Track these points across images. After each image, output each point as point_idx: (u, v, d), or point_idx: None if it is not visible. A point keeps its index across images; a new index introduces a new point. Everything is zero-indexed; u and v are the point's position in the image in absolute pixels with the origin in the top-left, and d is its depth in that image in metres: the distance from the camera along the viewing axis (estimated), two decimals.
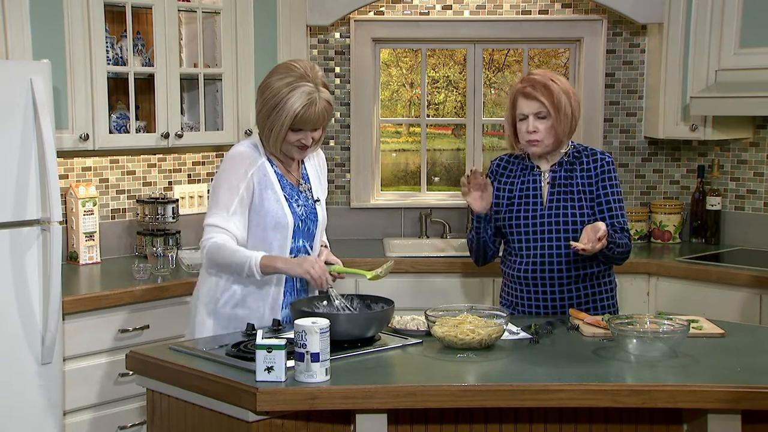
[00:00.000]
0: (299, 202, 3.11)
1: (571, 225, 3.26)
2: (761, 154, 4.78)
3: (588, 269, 3.31)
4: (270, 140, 3.02)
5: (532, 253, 3.29)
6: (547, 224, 3.27)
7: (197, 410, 2.64)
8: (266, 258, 2.96)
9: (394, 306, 2.95)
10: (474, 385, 2.54)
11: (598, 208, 3.29)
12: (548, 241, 3.27)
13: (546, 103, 3.21)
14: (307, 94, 2.94)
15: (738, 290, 4.13)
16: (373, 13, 5.02)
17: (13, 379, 3.38)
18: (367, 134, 5.10)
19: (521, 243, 3.31)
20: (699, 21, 4.57)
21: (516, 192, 3.34)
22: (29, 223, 3.40)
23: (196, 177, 4.79)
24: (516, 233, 3.31)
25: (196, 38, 4.42)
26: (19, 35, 3.70)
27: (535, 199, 3.31)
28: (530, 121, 3.24)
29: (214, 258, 3.01)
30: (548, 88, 3.22)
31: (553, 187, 3.30)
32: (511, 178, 3.37)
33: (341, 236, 4.86)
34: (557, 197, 3.29)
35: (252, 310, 3.09)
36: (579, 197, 3.29)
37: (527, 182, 3.34)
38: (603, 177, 3.30)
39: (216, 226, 3.00)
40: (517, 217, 3.31)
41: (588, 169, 3.31)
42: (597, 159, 3.32)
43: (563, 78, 3.31)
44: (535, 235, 3.28)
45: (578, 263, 3.28)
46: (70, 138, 3.94)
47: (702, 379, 2.59)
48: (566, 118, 3.24)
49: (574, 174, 3.31)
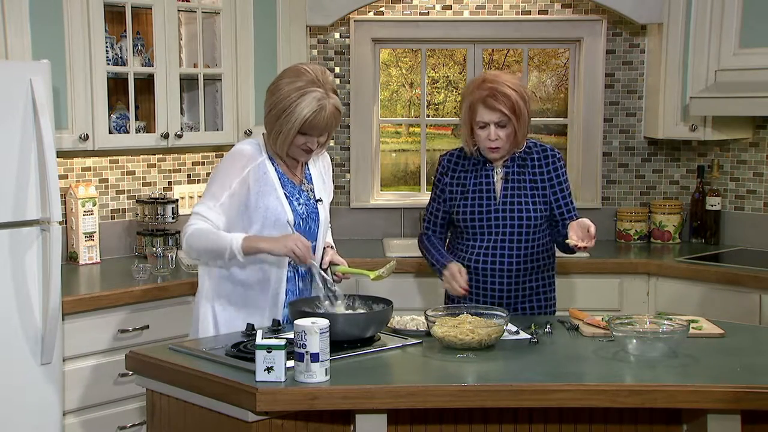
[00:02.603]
0: (300, 200, 3.11)
1: (525, 220, 3.32)
2: (761, 154, 4.78)
3: (534, 263, 3.36)
4: (277, 143, 3.02)
5: (484, 245, 3.33)
6: (501, 218, 3.32)
7: (197, 410, 2.64)
8: (248, 239, 2.95)
9: (393, 306, 2.95)
10: (474, 385, 2.54)
11: (555, 204, 3.36)
12: (501, 234, 3.32)
13: (507, 112, 3.22)
14: (317, 101, 2.94)
15: (738, 290, 4.13)
16: (372, 13, 5.02)
17: (13, 379, 3.38)
18: (367, 134, 5.10)
19: (474, 236, 3.35)
20: (699, 21, 4.57)
21: (469, 186, 3.36)
22: (29, 223, 3.39)
23: (196, 177, 4.79)
24: (470, 227, 3.35)
25: (195, 38, 4.42)
26: (19, 35, 3.70)
27: (488, 193, 3.33)
28: (491, 130, 3.25)
29: (194, 243, 3.01)
30: (508, 96, 3.22)
31: (507, 182, 3.34)
32: (464, 173, 3.38)
33: (341, 236, 4.86)
34: (511, 192, 3.33)
35: (253, 309, 3.09)
36: (532, 192, 3.34)
37: (480, 177, 3.36)
38: (555, 174, 3.36)
39: (199, 215, 3.02)
40: (471, 212, 3.33)
41: (539, 165, 3.36)
42: (548, 155, 3.37)
43: (514, 78, 3.32)
44: (489, 228, 3.32)
45: (526, 257, 3.34)
46: (70, 138, 3.94)
47: (702, 379, 2.59)
48: (525, 123, 3.28)
49: (526, 170, 3.35)
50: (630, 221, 4.96)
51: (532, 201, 3.33)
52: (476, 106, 3.26)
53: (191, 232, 3.01)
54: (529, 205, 3.32)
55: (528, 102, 3.29)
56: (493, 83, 3.24)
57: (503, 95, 3.21)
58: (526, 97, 3.28)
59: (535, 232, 3.33)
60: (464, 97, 3.34)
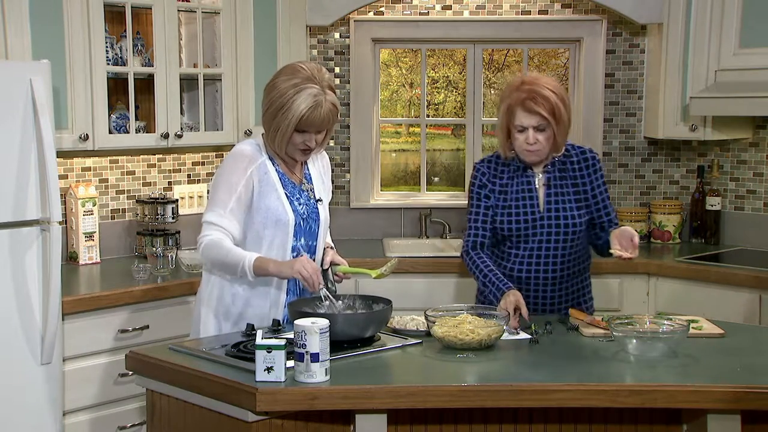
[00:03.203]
0: (301, 200, 3.11)
1: (571, 227, 3.26)
2: (761, 154, 4.78)
3: (574, 267, 3.33)
4: (275, 141, 3.02)
5: (528, 254, 3.28)
6: (546, 226, 3.26)
7: (197, 410, 2.64)
8: (259, 260, 2.96)
9: (392, 306, 2.95)
10: (474, 385, 2.54)
11: (595, 207, 3.30)
12: (545, 242, 3.26)
13: (546, 116, 3.14)
14: (313, 96, 2.94)
15: (738, 290, 4.13)
16: (372, 13, 5.02)
17: (13, 379, 3.37)
18: (367, 134, 5.10)
19: (517, 244, 3.29)
20: (699, 21, 4.57)
21: (511, 195, 3.29)
22: (29, 223, 3.39)
23: (196, 177, 4.79)
24: (514, 235, 3.28)
25: (195, 38, 4.42)
26: (19, 35, 3.70)
27: (531, 201, 3.28)
28: (530, 134, 3.18)
29: (208, 255, 3.02)
30: (547, 99, 3.14)
31: (549, 188, 3.28)
32: (505, 180, 3.32)
33: (341, 236, 4.86)
34: (554, 198, 3.27)
35: (253, 309, 3.10)
36: (575, 198, 3.29)
37: (521, 184, 3.30)
38: (595, 176, 3.32)
39: (212, 224, 3.01)
40: (517, 221, 3.27)
41: (579, 168, 3.31)
42: (587, 158, 3.32)
43: (554, 81, 3.24)
44: (533, 236, 3.27)
45: (569, 262, 3.30)
46: (70, 138, 3.94)
47: (702, 379, 2.59)
48: (564, 127, 3.21)
49: (567, 174, 3.30)
50: (630, 221, 4.95)
51: (576, 206, 3.27)
52: (514, 109, 3.17)
53: (207, 243, 3.00)
54: (573, 211, 3.27)
55: (568, 105, 3.20)
56: (532, 85, 3.16)
57: (543, 98, 3.14)
58: (566, 99, 3.20)
59: (578, 237, 3.29)
60: (502, 99, 3.25)
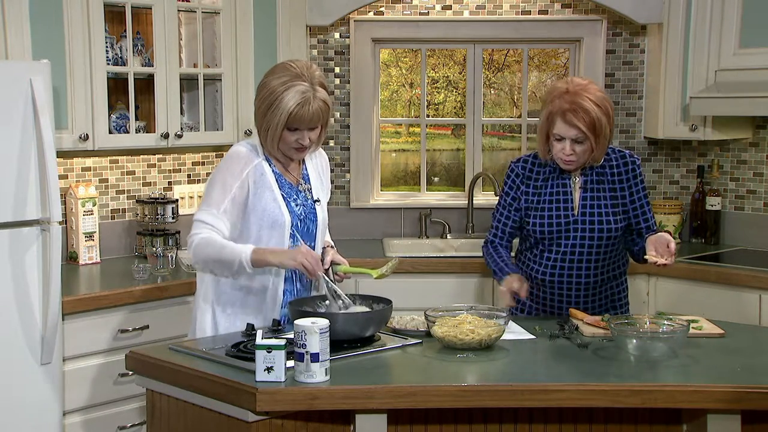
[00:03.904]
0: (298, 201, 3.11)
1: (605, 232, 3.23)
2: (761, 154, 4.78)
3: (610, 272, 3.31)
4: (267, 139, 3.02)
5: (560, 257, 3.25)
6: (580, 230, 3.23)
7: (197, 410, 2.64)
8: (257, 252, 2.94)
9: (392, 305, 2.95)
10: (474, 385, 2.54)
11: (633, 213, 3.27)
12: (579, 246, 3.23)
13: (585, 130, 3.09)
14: (301, 93, 2.94)
15: (738, 290, 4.13)
16: (372, 14, 5.02)
17: (13, 379, 3.38)
18: (367, 134, 5.10)
19: (550, 247, 3.26)
20: (699, 21, 4.57)
21: (545, 197, 3.26)
22: (29, 223, 3.39)
23: (196, 177, 4.79)
24: (547, 238, 3.25)
25: (195, 38, 4.42)
26: (19, 35, 3.70)
27: (566, 204, 3.24)
28: (567, 145, 3.13)
29: (201, 254, 3.00)
30: (588, 112, 3.07)
31: (585, 192, 3.24)
32: (539, 182, 3.28)
33: (341, 236, 4.85)
34: (590, 203, 3.24)
35: (252, 309, 3.09)
36: (612, 203, 3.25)
37: (557, 186, 3.26)
38: (634, 180, 3.27)
39: (204, 222, 3.00)
40: (549, 223, 3.24)
41: (618, 173, 3.26)
42: (627, 161, 3.27)
43: (599, 91, 3.16)
44: (567, 240, 3.24)
45: (604, 268, 3.27)
46: (70, 138, 3.94)
47: (702, 379, 2.59)
48: (605, 140, 3.15)
49: (605, 178, 3.26)
50: None
51: (613, 211, 3.23)
52: (554, 118, 3.13)
53: (197, 242, 2.99)
54: (609, 216, 3.23)
55: (611, 117, 3.13)
56: (575, 96, 3.09)
57: (584, 111, 3.08)
58: (610, 111, 3.14)
59: (613, 243, 3.25)
60: (545, 103, 3.20)
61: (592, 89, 3.15)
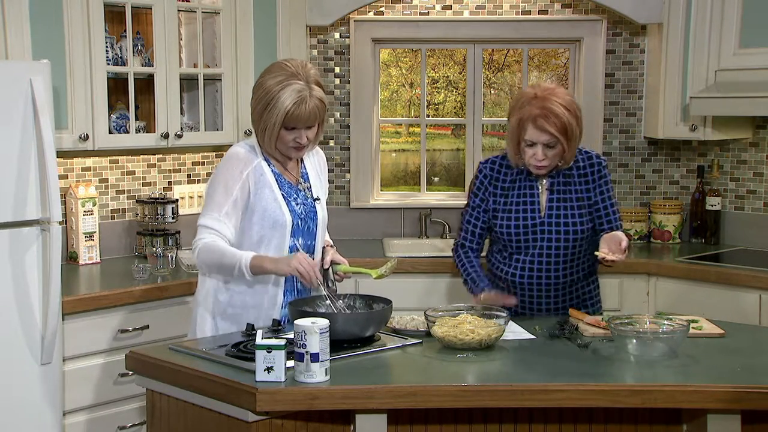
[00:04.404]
0: (298, 200, 3.11)
1: (572, 234, 3.24)
2: (761, 154, 4.78)
3: (581, 272, 3.32)
4: (264, 139, 3.02)
5: (528, 259, 3.27)
6: (547, 232, 3.24)
7: (197, 410, 2.64)
8: (255, 258, 2.96)
9: (392, 305, 2.95)
10: (474, 385, 2.54)
11: (596, 214, 3.28)
12: (546, 249, 3.25)
13: (557, 134, 3.11)
14: (297, 92, 2.94)
15: (738, 290, 4.13)
16: (372, 13, 5.02)
17: (13, 379, 3.37)
18: (367, 134, 5.10)
19: (518, 249, 3.28)
20: (699, 21, 4.57)
21: (512, 199, 3.28)
22: (29, 223, 3.39)
23: (196, 177, 4.79)
24: (515, 241, 3.27)
25: (195, 38, 4.42)
26: (19, 35, 3.70)
27: (533, 206, 3.26)
28: (539, 150, 3.14)
29: (204, 259, 3.01)
30: (559, 117, 3.09)
31: (552, 194, 3.26)
32: (507, 183, 3.30)
33: (341, 236, 4.85)
34: (556, 204, 3.25)
35: (252, 309, 3.09)
36: (578, 204, 3.26)
37: (524, 188, 3.28)
38: (600, 182, 3.29)
39: (207, 227, 3.01)
40: (516, 226, 3.26)
41: (585, 174, 3.28)
42: (593, 163, 3.29)
43: (567, 95, 3.18)
44: (534, 242, 3.25)
45: (573, 268, 3.28)
46: (70, 138, 3.94)
47: (702, 379, 2.59)
48: (575, 142, 3.18)
49: (572, 180, 3.27)
50: (630, 221, 4.95)
51: (579, 213, 3.25)
52: (525, 124, 3.13)
53: (201, 247, 3.00)
54: (576, 218, 3.24)
55: (580, 120, 3.16)
56: (545, 101, 3.10)
57: (555, 115, 3.09)
58: (579, 114, 3.16)
59: (581, 243, 3.27)
60: (513, 110, 3.20)
61: (560, 93, 3.16)
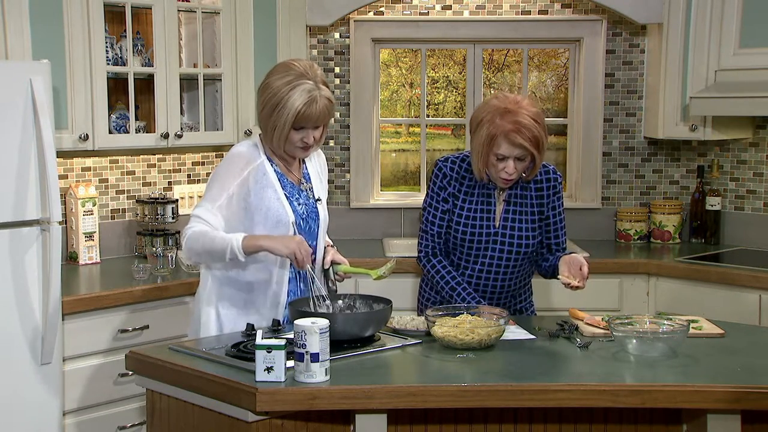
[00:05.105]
0: (300, 200, 3.11)
1: (524, 247, 3.25)
2: (761, 154, 4.78)
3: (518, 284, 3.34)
4: (273, 140, 3.02)
5: (478, 267, 3.26)
6: (499, 243, 3.24)
7: (197, 410, 2.64)
8: (248, 238, 2.94)
9: (392, 305, 2.95)
10: (474, 385, 2.54)
11: (546, 228, 3.30)
12: (497, 259, 3.25)
13: (530, 148, 3.08)
14: (307, 92, 2.94)
15: (738, 290, 4.13)
16: (372, 13, 5.02)
17: (13, 379, 3.38)
18: (367, 134, 5.10)
19: (468, 256, 3.27)
20: (699, 21, 4.57)
21: (469, 205, 3.25)
22: (29, 223, 3.40)
23: (196, 177, 4.79)
24: (467, 248, 3.26)
25: (195, 38, 4.42)
26: (19, 35, 3.70)
27: (488, 214, 3.24)
28: (510, 164, 3.11)
29: (194, 246, 3.00)
30: (530, 129, 3.06)
31: (508, 205, 3.25)
32: (465, 187, 3.26)
33: (341, 236, 4.86)
34: (511, 216, 3.24)
35: (253, 309, 3.09)
36: (531, 218, 3.26)
37: (481, 196, 3.25)
38: (554, 197, 3.29)
39: (198, 217, 3.01)
40: (472, 233, 3.24)
41: (540, 188, 3.27)
42: (550, 177, 3.28)
43: (532, 105, 3.13)
44: (485, 251, 3.25)
45: (513, 279, 3.30)
46: (70, 138, 3.94)
47: (702, 379, 2.59)
48: (544, 154, 3.16)
49: (528, 193, 3.26)
50: (630, 221, 4.96)
51: (531, 227, 3.25)
52: (498, 140, 3.08)
53: (190, 234, 2.99)
54: (528, 231, 3.25)
55: (546, 131, 3.14)
56: (515, 115, 3.06)
57: (527, 129, 3.06)
58: (545, 125, 3.13)
59: (529, 255, 3.29)
60: (482, 123, 3.13)
61: (527, 105, 3.11)
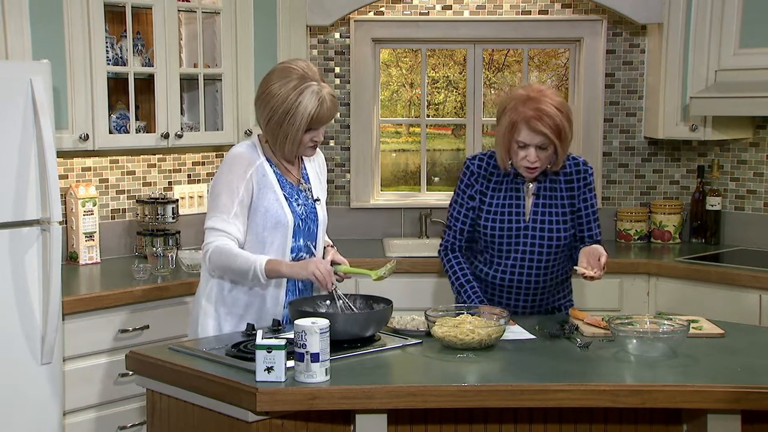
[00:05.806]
0: (299, 201, 3.11)
1: (555, 240, 3.22)
2: (761, 154, 4.78)
3: (558, 278, 3.31)
4: (285, 146, 3.00)
5: (510, 263, 3.24)
6: (530, 237, 3.22)
7: (197, 410, 2.64)
8: (271, 263, 2.95)
9: (393, 306, 2.95)
10: (474, 385, 2.54)
11: (578, 221, 3.27)
12: (529, 253, 3.23)
13: (551, 136, 3.06)
14: (315, 93, 2.95)
15: (738, 290, 4.13)
16: (373, 13, 5.02)
17: (13, 379, 3.37)
18: (367, 134, 5.10)
19: (499, 252, 3.25)
20: (699, 21, 4.57)
21: (498, 200, 3.24)
22: (29, 223, 3.40)
23: (196, 177, 4.79)
24: (497, 243, 3.24)
25: (195, 38, 4.42)
26: (19, 35, 3.70)
27: (518, 209, 3.23)
28: (532, 152, 3.10)
29: (216, 263, 3.00)
30: (552, 118, 3.05)
31: (538, 198, 3.23)
32: (493, 183, 3.25)
33: (341, 236, 4.86)
34: (541, 209, 3.22)
35: (253, 309, 3.09)
36: (562, 210, 3.24)
37: (510, 191, 3.24)
38: (585, 189, 3.26)
39: (216, 229, 2.99)
40: (501, 228, 3.23)
41: (570, 180, 3.25)
42: (580, 170, 3.26)
43: (558, 96, 3.14)
44: (516, 246, 3.23)
45: (551, 274, 3.27)
46: (70, 138, 3.94)
47: (702, 379, 2.59)
48: (567, 144, 3.14)
49: (558, 185, 3.24)
50: (630, 221, 4.96)
51: (563, 219, 3.22)
52: (519, 126, 3.08)
53: (213, 250, 2.98)
54: (560, 224, 3.22)
55: (571, 122, 3.12)
56: (538, 103, 3.06)
57: (548, 117, 3.04)
58: (570, 116, 3.12)
59: (562, 250, 3.25)
60: (505, 111, 3.13)
61: (551, 94, 3.12)
